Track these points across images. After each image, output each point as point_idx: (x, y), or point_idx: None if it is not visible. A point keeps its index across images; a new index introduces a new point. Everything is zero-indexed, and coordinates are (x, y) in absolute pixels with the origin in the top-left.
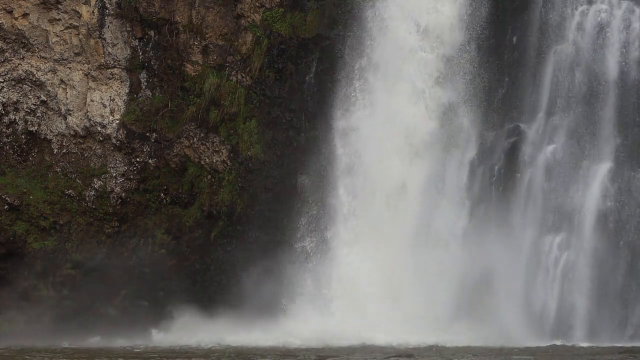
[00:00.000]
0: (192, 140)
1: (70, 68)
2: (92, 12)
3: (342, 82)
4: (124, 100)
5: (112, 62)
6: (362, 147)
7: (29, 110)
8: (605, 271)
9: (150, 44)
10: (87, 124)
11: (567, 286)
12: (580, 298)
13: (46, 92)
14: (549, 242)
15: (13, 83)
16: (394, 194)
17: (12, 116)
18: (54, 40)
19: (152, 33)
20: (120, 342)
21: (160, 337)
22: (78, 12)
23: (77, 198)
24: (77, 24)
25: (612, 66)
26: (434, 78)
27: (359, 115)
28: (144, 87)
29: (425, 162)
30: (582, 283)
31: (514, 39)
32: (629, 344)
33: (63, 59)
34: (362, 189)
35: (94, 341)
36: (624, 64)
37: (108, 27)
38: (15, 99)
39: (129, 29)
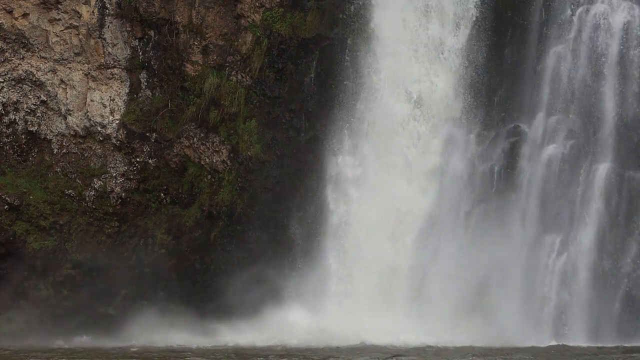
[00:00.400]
0: (192, 140)
1: (70, 68)
2: (92, 12)
3: (335, 128)
4: (124, 100)
5: (112, 62)
6: (353, 219)
7: (29, 110)
8: (605, 266)
9: (150, 44)
10: (87, 124)
11: (567, 285)
12: (579, 297)
13: (46, 92)
14: (548, 242)
15: (13, 83)
16: (386, 277)
17: (12, 116)
18: (54, 40)
19: (152, 33)
20: (120, 342)
21: (159, 337)
22: (78, 12)
23: (77, 198)
24: (77, 24)
25: (612, 65)
26: (430, 152)
27: (350, 180)
28: (144, 87)
29: (419, 238)
30: (582, 281)
31: (514, 39)
32: (629, 344)
33: (63, 59)
34: (352, 261)
35: (84, 340)
36: (624, 61)
37: (108, 27)
38: (15, 99)
39: (129, 29)
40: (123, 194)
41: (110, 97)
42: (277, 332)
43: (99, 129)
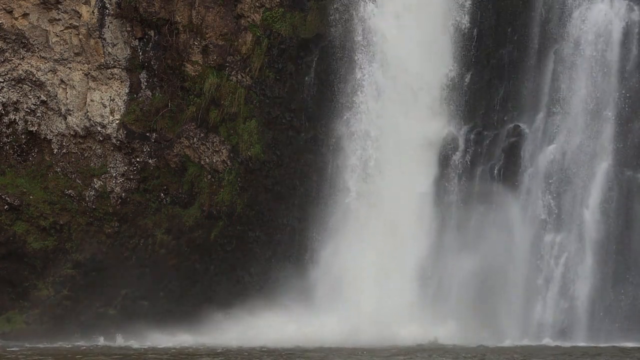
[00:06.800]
0: (192, 140)
1: (70, 68)
2: (92, 12)
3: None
4: (124, 100)
5: (112, 62)
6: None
7: (29, 110)
8: (606, 265)
9: (150, 44)
10: (87, 124)
11: (567, 285)
12: (580, 297)
13: (46, 92)
14: (549, 241)
15: (13, 83)
16: (388, 276)
17: (12, 116)
18: (54, 40)
19: (152, 33)
20: (120, 341)
21: (160, 337)
22: (78, 12)
23: (77, 198)
24: (77, 24)
25: (612, 64)
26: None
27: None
28: (144, 87)
29: (420, 237)
30: (583, 280)
31: (514, 39)
32: (630, 344)
33: (63, 59)
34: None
35: (84, 340)
36: (624, 61)
37: (108, 27)
38: (15, 99)
39: (129, 29)
40: (123, 194)
41: (110, 97)
42: (276, 332)
43: (99, 129)
